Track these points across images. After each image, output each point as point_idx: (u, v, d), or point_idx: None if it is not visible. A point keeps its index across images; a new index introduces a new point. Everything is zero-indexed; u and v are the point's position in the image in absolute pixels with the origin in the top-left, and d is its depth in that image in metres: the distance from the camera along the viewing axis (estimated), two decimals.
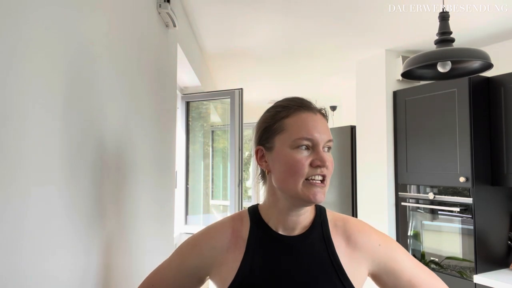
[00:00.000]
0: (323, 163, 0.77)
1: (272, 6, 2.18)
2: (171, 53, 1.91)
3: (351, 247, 0.83)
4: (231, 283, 0.80)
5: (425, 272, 0.85)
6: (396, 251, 0.85)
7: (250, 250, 0.82)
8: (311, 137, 0.78)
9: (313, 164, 0.77)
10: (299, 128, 0.79)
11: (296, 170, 0.77)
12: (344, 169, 3.56)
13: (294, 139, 0.78)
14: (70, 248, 0.81)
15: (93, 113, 0.93)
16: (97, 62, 0.96)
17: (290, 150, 0.78)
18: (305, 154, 0.78)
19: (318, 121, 0.80)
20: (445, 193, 2.54)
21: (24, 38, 0.64)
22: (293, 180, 0.77)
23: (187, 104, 3.05)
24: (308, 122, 0.79)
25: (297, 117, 0.80)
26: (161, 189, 1.69)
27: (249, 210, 0.88)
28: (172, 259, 0.89)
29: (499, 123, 2.40)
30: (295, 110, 0.81)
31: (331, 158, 0.80)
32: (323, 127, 0.80)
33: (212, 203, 3.11)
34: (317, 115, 0.82)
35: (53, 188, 0.73)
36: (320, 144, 0.78)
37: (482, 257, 2.37)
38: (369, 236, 0.85)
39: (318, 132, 0.78)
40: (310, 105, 0.83)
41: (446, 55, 1.38)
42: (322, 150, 0.79)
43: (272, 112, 0.84)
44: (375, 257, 0.83)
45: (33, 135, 0.67)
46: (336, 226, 0.85)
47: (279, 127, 0.81)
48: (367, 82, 3.17)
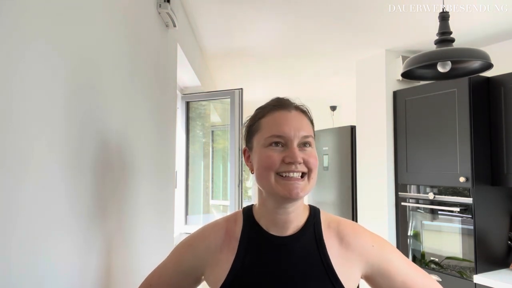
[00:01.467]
0: (294, 159, 0.77)
1: (272, 6, 2.18)
2: (171, 53, 1.91)
3: (344, 249, 0.83)
4: (223, 283, 0.80)
5: (420, 273, 0.85)
6: (390, 253, 0.85)
7: (241, 251, 0.83)
8: (281, 134, 0.79)
9: (285, 160, 0.77)
10: (270, 127, 0.80)
11: (267, 165, 0.78)
12: (344, 169, 3.55)
13: (266, 137, 0.80)
14: (70, 248, 0.81)
15: (93, 113, 0.93)
16: (97, 62, 0.96)
17: (263, 149, 0.80)
18: (278, 151, 0.78)
19: (292, 118, 0.81)
20: (445, 193, 2.54)
21: (25, 38, 0.64)
22: (265, 176, 0.78)
23: (187, 104, 3.05)
24: (280, 120, 0.80)
25: (270, 116, 0.82)
26: (161, 189, 1.69)
27: (243, 211, 0.89)
28: (169, 259, 0.91)
29: (499, 123, 2.40)
30: (270, 110, 0.83)
31: (311, 154, 0.80)
32: (296, 123, 0.80)
33: (212, 203, 3.10)
34: (292, 113, 0.82)
35: (53, 188, 0.73)
36: (294, 141, 0.78)
37: (482, 257, 2.37)
38: (362, 238, 0.84)
39: (289, 129, 0.79)
40: (286, 103, 0.84)
41: (446, 55, 1.38)
42: (299, 147, 0.79)
43: (253, 114, 0.87)
44: (368, 259, 0.82)
45: (33, 135, 0.67)
46: (330, 227, 0.85)
47: (256, 127, 0.83)
48: (367, 82, 3.17)
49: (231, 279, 0.80)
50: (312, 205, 0.89)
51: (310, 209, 0.88)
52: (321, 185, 3.85)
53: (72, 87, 0.82)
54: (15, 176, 0.62)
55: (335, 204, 3.64)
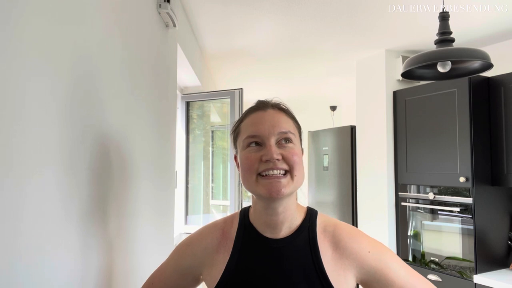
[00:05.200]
0: (269, 156, 0.75)
1: (272, 6, 2.18)
2: (171, 53, 1.91)
3: (339, 253, 0.80)
4: (217, 284, 0.81)
5: (420, 280, 0.81)
6: (388, 259, 0.81)
7: (235, 252, 0.83)
8: (255, 134, 0.79)
9: (262, 159, 0.76)
10: (246, 128, 0.81)
11: (247, 167, 0.77)
12: (344, 169, 3.55)
13: (243, 139, 0.80)
14: (70, 248, 0.81)
15: (93, 113, 0.93)
16: (97, 62, 0.96)
17: (242, 151, 0.80)
18: (255, 151, 0.78)
19: (266, 116, 0.81)
20: (445, 193, 2.54)
21: (25, 38, 0.64)
22: (247, 178, 0.78)
23: (187, 104, 3.05)
24: (255, 120, 0.81)
25: (248, 118, 0.83)
26: (161, 189, 1.69)
27: (241, 212, 0.89)
28: (170, 259, 0.92)
29: (499, 123, 2.40)
30: (248, 113, 0.84)
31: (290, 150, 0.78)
32: (272, 120, 0.80)
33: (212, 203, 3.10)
34: (267, 111, 0.82)
35: (53, 188, 0.73)
36: (269, 138, 0.78)
37: (482, 257, 2.37)
38: (359, 243, 0.81)
39: (264, 127, 0.78)
40: (262, 104, 0.84)
41: (446, 55, 1.38)
42: (278, 143, 0.78)
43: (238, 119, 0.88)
44: (364, 265, 0.79)
45: (33, 135, 0.67)
46: (326, 231, 0.83)
47: (238, 131, 0.84)
48: (367, 82, 3.17)
49: (224, 280, 0.81)
50: (310, 207, 0.87)
51: (306, 211, 0.86)
52: (321, 185, 3.85)
53: (72, 87, 0.82)
54: (16, 177, 0.62)
55: (335, 204, 3.64)
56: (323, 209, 3.72)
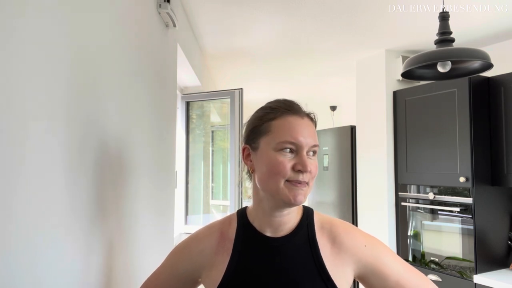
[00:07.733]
0: (304, 168, 0.77)
1: (272, 6, 2.18)
2: (171, 53, 1.91)
3: (337, 249, 0.83)
4: (219, 285, 0.81)
5: (414, 273, 0.85)
6: (383, 252, 0.85)
7: (236, 252, 0.83)
8: (295, 141, 0.78)
9: (295, 168, 0.77)
10: (284, 131, 0.79)
11: (278, 172, 0.77)
12: (344, 169, 3.55)
13: (278, 141, 0.78)
14: (70, 248, 0.81)
15: (93, 113, 0.93)
16: (97, 62, 0.96)
17: (273, 152, 0.79)
18: (288, 157, 0.78)
19: (304, 125, 0.80)
20: (445, 193, 2.54)
21: (25, 38, 0.64)
22: (274, 181, 0.78)
23: (187, 104, 3.05)
24: (293, 126, 0.79)
25: (284, 120, 0.80)
26: (161, 189, 1.69)
27: (238, 212, 0.90)
28: (165, 263, 0.92)
29: (499, 123, 2.40)
30: (282, 113, 0.81)
31: (315, 163, 0.80)
32: (309, 131, 0.80)
33: (212, 203, 3.10)
34: (304, 119, 0.81)
35: (53, 188, 0.73)
36: (304, 149, 0.78)
37: (482, 257, 2.37)
38: (355, 238, 0.84)
39: (303, 136, 0.78)
40: (298, 108, 0.83)
41: (446, 55, 1.38)
42: (307, 154, 0.79)
43: (260, 113, 0.85)
44: (361, 259, 0.83)
45: (33, 136, 0.67)
46: (323, 228, 0.85)
47: (265, 128, 0.81)
48: (367, 82, 3.17)
49: (226, 281, 0.81)
50: (306, 206, 0.89)
51: (303, 210, 0.88)
52: (321, 185, 3.85)
53: (72, 87, 0.82)
54: (16, 177, 0.62)
55: (335, 204, 3.64)
56: (323, 209, 3.72)
